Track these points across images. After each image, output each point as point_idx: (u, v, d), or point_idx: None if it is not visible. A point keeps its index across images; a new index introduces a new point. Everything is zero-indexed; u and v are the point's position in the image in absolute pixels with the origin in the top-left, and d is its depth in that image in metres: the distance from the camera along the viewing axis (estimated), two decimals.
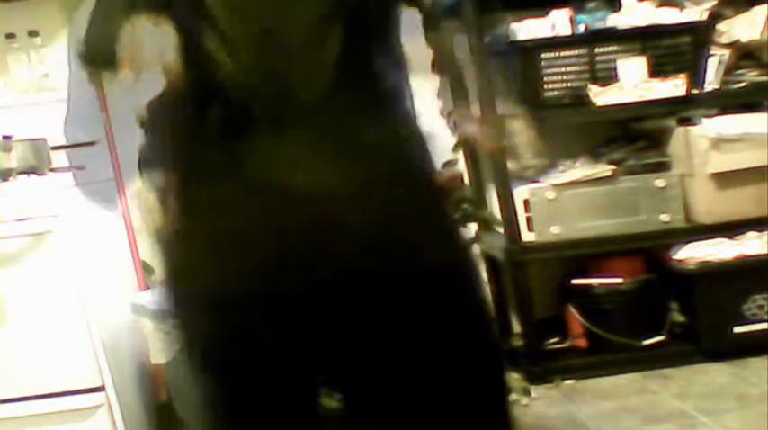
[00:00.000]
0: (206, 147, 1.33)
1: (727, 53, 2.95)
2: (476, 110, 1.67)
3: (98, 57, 1.35)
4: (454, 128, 3.19)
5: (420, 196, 1.45)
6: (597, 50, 2.96)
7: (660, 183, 2.94)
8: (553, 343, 3.10)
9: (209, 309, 1.36)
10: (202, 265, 1.37)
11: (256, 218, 1.33)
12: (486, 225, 3.17)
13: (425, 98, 1.66)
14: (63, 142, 2.81)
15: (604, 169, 2.96)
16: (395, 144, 1.43)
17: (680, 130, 2.96)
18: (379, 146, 1.38)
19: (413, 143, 1.46)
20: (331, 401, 1.44)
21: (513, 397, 2.70)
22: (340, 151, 1.34)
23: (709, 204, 2.89)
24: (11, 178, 2.49)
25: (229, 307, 1.34)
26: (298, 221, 1.32)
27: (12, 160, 2.58)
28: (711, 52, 2.95)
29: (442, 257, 1.45)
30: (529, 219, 2.95)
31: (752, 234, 2.89)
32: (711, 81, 2.94)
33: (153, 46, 1.20)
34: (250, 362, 1.36)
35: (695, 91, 2.92)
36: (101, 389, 2.41)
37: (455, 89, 1.74)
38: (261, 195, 1.33)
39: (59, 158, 2.79)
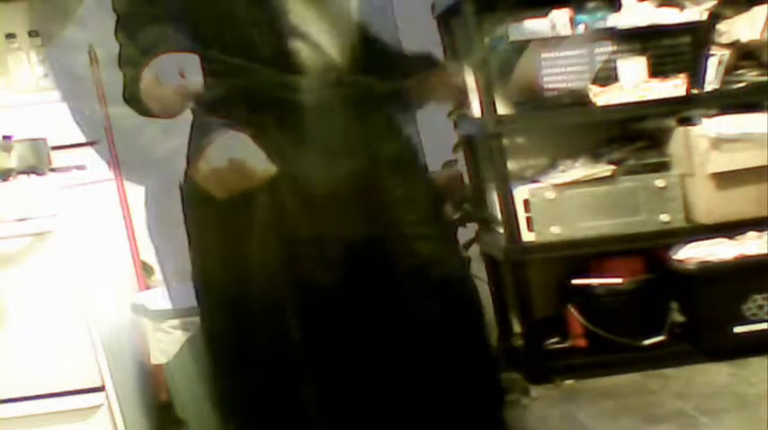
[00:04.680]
0: None
1: (727, 53, 2.95)
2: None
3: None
4: (454, 127, 3.20)
5: (422, 192, 1.48)
6: (597, 50, 2.96)
7: (660, 183, 2.94)
8: (553, 343, 3.10)
9: (227, 309, 1.40)
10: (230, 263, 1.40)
11: (270, 215, 1.37)
12: (486, 225, 3.17)
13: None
14: (63, 142, 2.81)
15: (604, 169, 2.96)
16: (399, 140, 1.47)
17: (680, 130, 2.96)
18: (386, 141, 1.42)
19: (414, 142, 1.50)
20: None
21: (512, 397, 2.71)
22: (350, 146, 1.38)
23: (710, 204, 2.89)
24: (11, 178, 2.50)
25: (245, 308, 1.37)
26: (306, 219, 1.35)
27: (12, 160, 2.58)
28: (711, 52, 2.95)
29: (443, 255, 1.48)
30: (529, 219, 2.95)
31: (752, 234, 2.89)
32: (711, 81, 2.94)
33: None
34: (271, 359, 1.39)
35: (695, 91, 2.92)
36: (101, 389, 2.41)
37: None
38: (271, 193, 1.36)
39: (59, 158, 2.79)
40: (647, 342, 2.96)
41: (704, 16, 2.98)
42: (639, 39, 2.95)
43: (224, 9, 1.38)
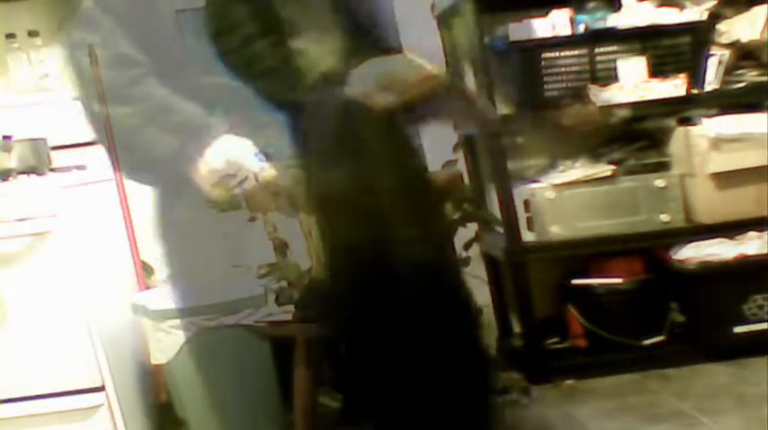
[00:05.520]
0: None
1: (727, 53, 2.95)
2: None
3: None
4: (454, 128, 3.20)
5: (421, 193, 1.50)
6: (597, 50, 2.96)
7: (660, 183, 2.94)
8: (553, 343, 3.10)
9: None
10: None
11: None
12: (486, 225, 3.17)
13: None
14: (63, 142, 2.81)
15: (604, 169, 2.96)
16: (400, 143, 1.48)
17: (680, 130, 2.96)
18: (387, 144, 1.44)
19: (414, 143, 1.52)
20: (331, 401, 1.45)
21: (512, 397, 2.71)
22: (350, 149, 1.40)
23: (710, 204, 2.89)
24: (11, 178, 2.49)
25: None
26: None
27: (12, 160, 2.57)
28: (711, 52, 2.95)
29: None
30: (529, 219, 2.95)
31: (752, 234, 2.89)
32: (711, 81, 2.94)
33: None
34: None
35: (695, 91, 2.92)
36: (101, 389, 2.41)
37: None
38: None
39: (59, 158, 2.79)
40: (647, 342, 2.96)
41: (704, 16, 2.98)
42: (639, 39, 2.95)
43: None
